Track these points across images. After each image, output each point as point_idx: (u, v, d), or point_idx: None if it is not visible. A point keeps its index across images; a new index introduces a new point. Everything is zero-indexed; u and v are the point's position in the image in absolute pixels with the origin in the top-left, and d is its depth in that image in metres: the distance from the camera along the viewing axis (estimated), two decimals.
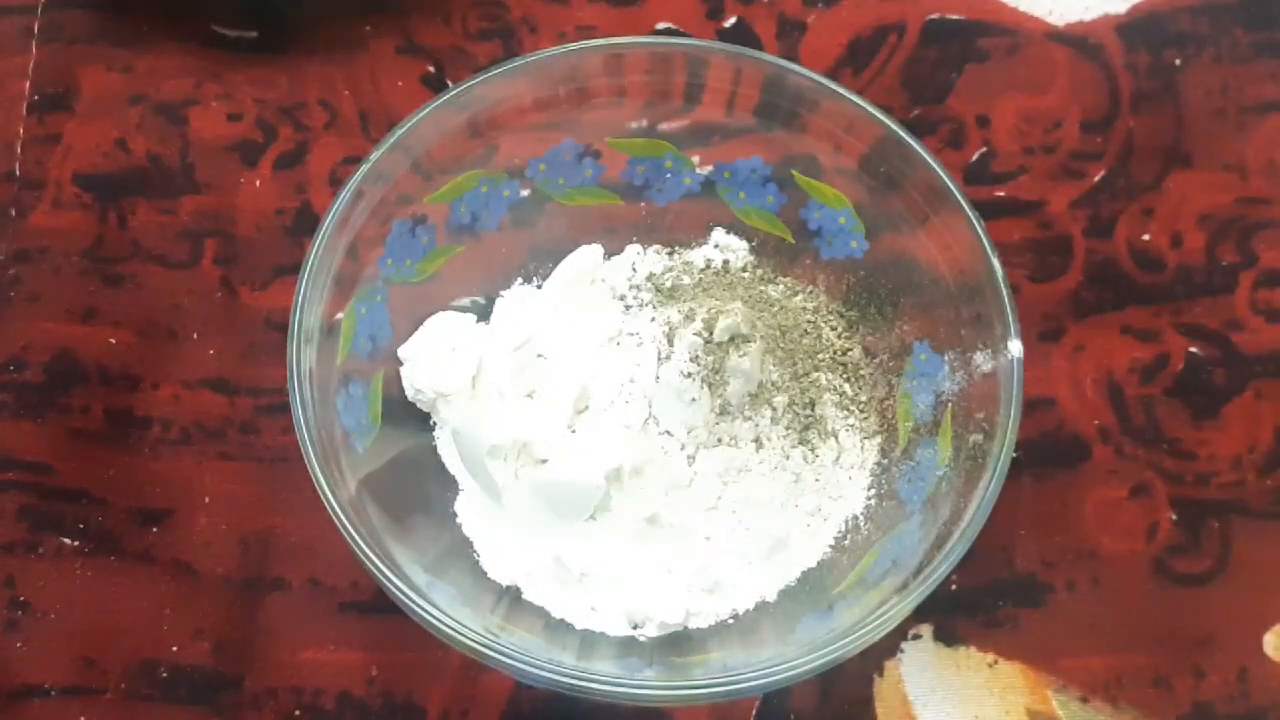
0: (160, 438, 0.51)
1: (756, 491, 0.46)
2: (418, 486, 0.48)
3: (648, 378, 0.46)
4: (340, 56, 0.58)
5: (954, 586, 0.49)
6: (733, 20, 0.59)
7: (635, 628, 0.45)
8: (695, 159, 0.52)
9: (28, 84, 0.57)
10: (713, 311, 0.47)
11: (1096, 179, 0.56)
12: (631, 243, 0.52)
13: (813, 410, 0.47)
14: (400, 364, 0.49)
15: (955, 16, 0.59)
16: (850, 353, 0.50)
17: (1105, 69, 0.58)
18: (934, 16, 0.59)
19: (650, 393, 0.46)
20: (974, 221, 0.45)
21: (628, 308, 0.49)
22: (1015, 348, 0.44)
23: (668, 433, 0.46)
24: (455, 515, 0.48)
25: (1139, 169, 0.56)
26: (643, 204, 0.52)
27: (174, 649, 0.48)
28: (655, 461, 0.46)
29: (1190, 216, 0.55)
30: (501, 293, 0.51)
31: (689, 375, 0.46)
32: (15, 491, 0.50)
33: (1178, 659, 0.48)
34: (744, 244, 0.52)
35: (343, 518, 0.41)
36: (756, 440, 0.47)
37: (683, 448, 0.46)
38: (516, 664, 0.40)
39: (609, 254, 0.52)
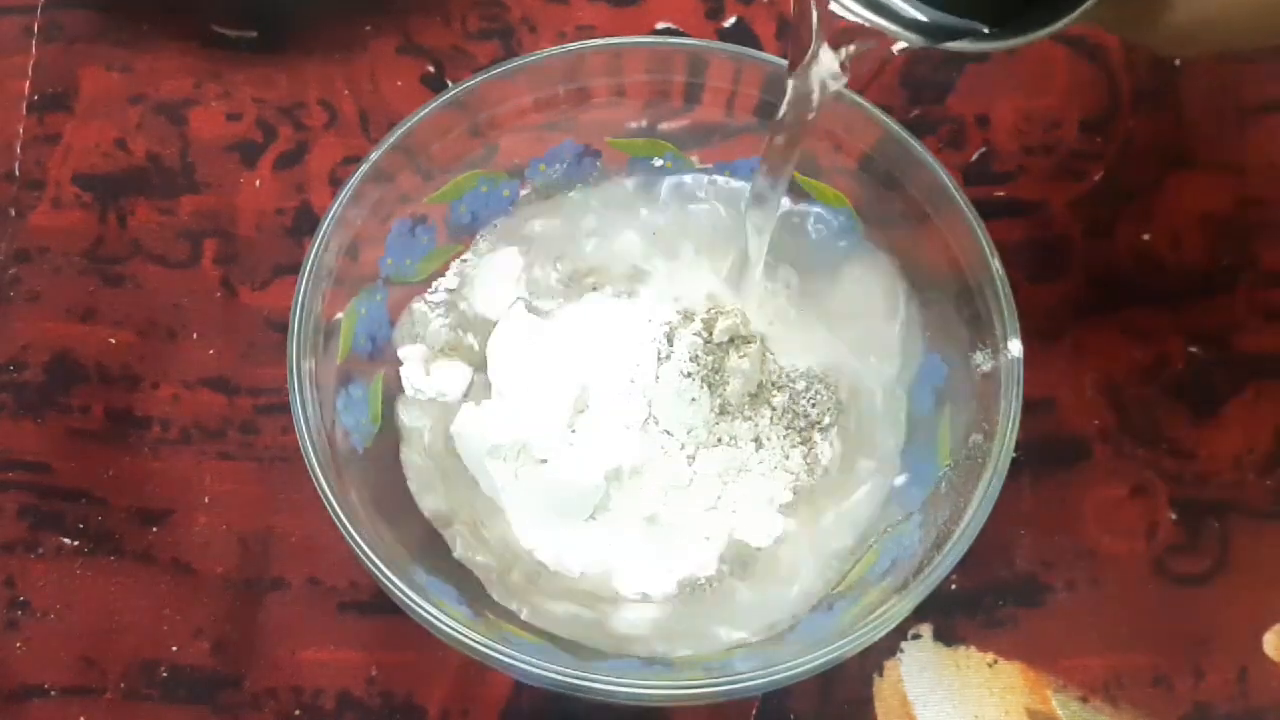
0: (160, 437, 0.51)
1: (756, 491, 0.46)
2: None
3: (648, 378, 0.46)
4: (340, 56, 0.58)
5: (954, 586, 0.49)
6: (732, 20, 0.59)
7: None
8: (695, 158, 0.52)
9: (27, 84, 0.57)
10: (713, 311, 0.47)
11: (1096, 179, 0.56)
12: None
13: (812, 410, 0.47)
14: (400, 364, 0.49)
15: None
16: None
17: (1105, 69, 0.58)
18: None
19: (650, 393, 0.46)
20: (973, 221, 0.45)
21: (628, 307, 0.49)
22: (1015, 348, 0.44)
23: (668, 433, 0.46)
24: None
25: (1139, 169, 0.56)
26: None
27: (174, 649, 0.48)
28: (655, 461, 0.46)
29: (1190, 216, 0.55)
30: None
31: (689, 375, 0.46)
32: (15, 491, 0.50)
33: (1177, 659, 0.48)
34: None
35: (343, 518, 0.41)
36: (756, 440, 0.47)
37: (683, 448, 0.46)
38: (516, 664, 0.40)
39: None
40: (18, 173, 0.56)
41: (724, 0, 0.59)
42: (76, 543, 0.50)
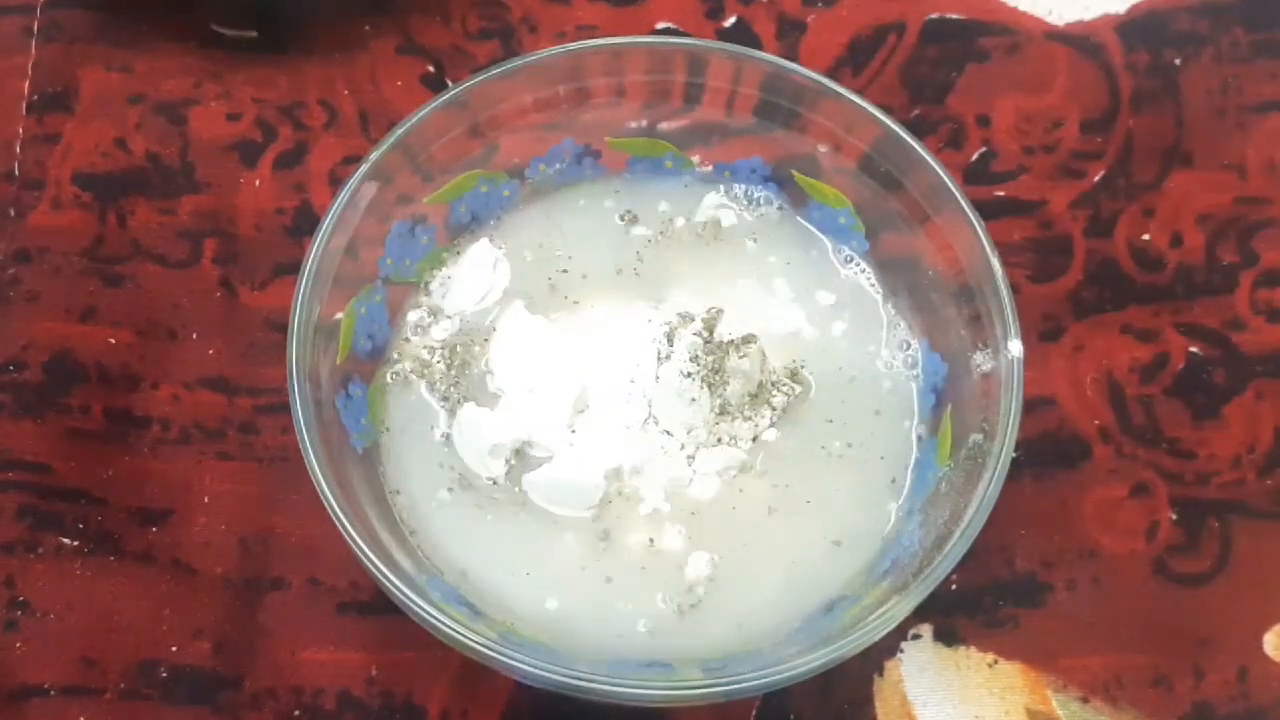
0: (160, 437, 0.51)
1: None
2: None
3: (648, 378, 0.46)
4: (340, 56, 0.58)
5: (954, 586, 0.49)
6: (732, 20, 0.59)
7: None
8: (695, 158, 0.52)
9: (27, 84, 0.57)
10: (713, 311, 0.47)
11: (1096, 178, 0.56)
12: None
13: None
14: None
15: (955, 16, 0.59)
16: None
17: (1105, 68, 0.58)
18: (933, 16, 0.59)
19: (650, 393, 0.46)
20: (974, 221, 0.45)
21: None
22: (1015, 347, 0.44)
23: (668, 433, 0.46)
24: None
25: (1139, 168, 0.56)
26: None
27: (173, 649, 0.48)
28: (655, 461, 0.46)
29: (1190, 216, 0.55)
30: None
31: (689, 375, 0.46)
32: (15, 491, 0.50)
33: (1177, 659, 0.48)
34: None
35: (343, 518, 0.41)
36: (756, 440, 0.47)
37: (682, 448, 0.46)
38: (516, 664, 0.40)
39: None
40: (17, 173, 0.56)
41: (724, 0, 0.59)
42: (76, 543, 0.50)
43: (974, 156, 0.57)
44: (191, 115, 0.57)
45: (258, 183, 0.56)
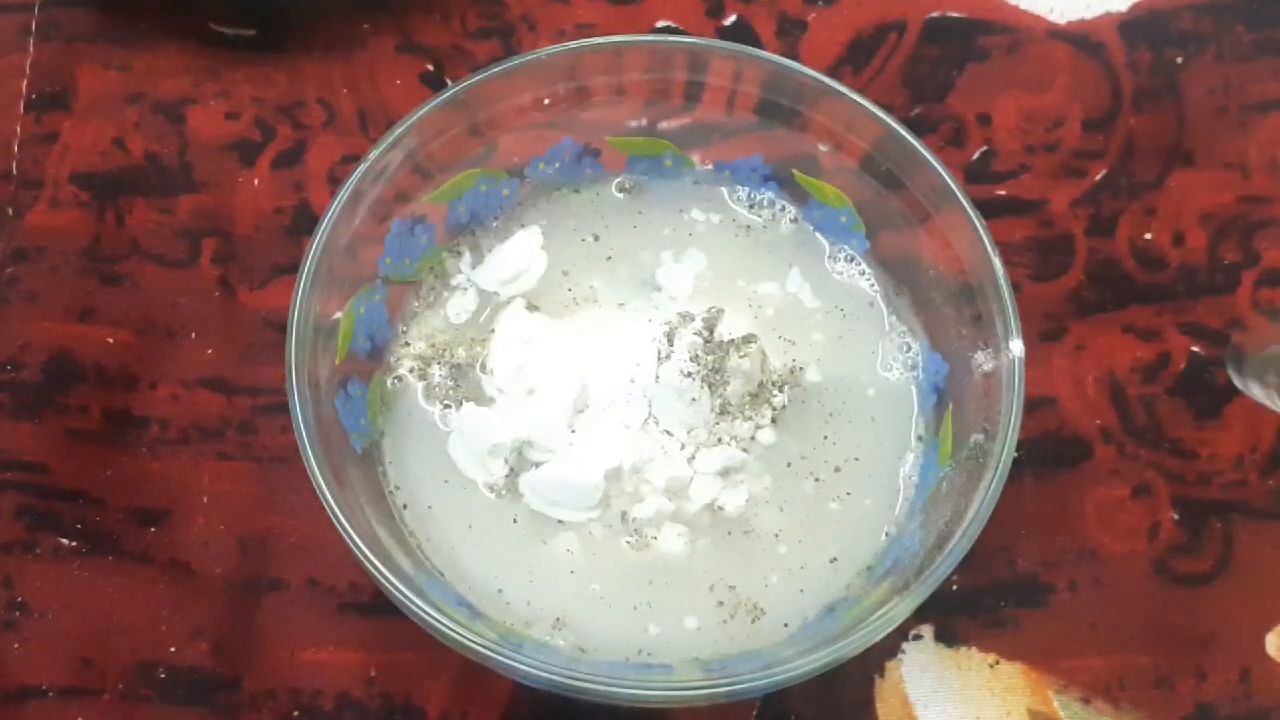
0: (158, 438, 0.51)
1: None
2: None
3: (648, 378, 0.46)
4: (339, 55, 0.58)
5: (955, 587, 0.49)
6: (732, 18, 0.59)
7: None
8: (695, 157, 0.52)
9: (25, 82, 0.57)
10: (713, 311, 0.47)
11: (1098, 178, 0.56)
12: None
13: None
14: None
15: (956, 15, 0.59)
16: None
17: (1107, 67, 0.58)
18: (934, 15, 0.59)
19: (650, 392, 0.46)
20: (975, 220, 0.45)
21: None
22: (1016, 347, 0.44)
23: (668, 433, 0.46)
24: None
25: (1140, 167, 0.56)
26: None
27: (172, 649, 0.48)
28: (655, 461, 0.46)
29: (1192, 215, 0.55)
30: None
31: (689, 375, 0.46)
32: (13, 491, 0.50)
33: (1179, 659, 0.48)
34: None
35: (342, 518, 0.41)
36: (755, 440, 0.47)
37: (683, 447, 0.46)
38: (516, 664, 0.39)
39: None
40: (15, 172, 0.55)
41: None
42: (74, 543, 0.49)
43: (975, 155, 0.56)
44: (190, 114, 0.57)
45: (256, 182, 0.56)
